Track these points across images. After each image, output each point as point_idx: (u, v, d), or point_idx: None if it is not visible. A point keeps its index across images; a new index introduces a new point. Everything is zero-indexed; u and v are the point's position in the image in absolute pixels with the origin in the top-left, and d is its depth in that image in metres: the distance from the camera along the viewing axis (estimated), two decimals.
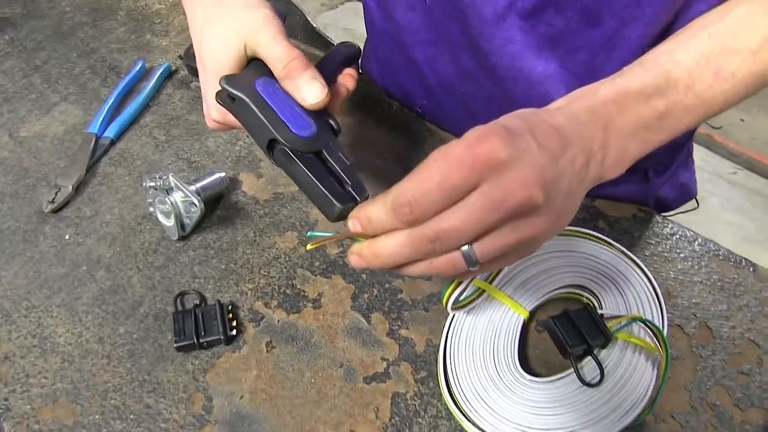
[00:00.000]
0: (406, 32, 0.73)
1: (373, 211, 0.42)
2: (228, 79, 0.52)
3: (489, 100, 0.71)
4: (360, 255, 0.44)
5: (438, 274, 0.44)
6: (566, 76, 0.64)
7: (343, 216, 0.47)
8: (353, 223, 0.43)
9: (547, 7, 0.59)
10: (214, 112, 0.56)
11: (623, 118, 0.46)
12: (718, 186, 2.48)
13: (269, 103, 0.51)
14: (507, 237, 0.41)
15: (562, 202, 0.43)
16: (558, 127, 0.43)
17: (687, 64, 0.49)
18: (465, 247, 0.41)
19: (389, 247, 0.42)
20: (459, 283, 0.59)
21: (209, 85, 0.55)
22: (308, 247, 0.47)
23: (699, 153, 0.78)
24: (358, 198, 0.48)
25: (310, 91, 0.51)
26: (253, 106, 0.50)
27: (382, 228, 0.42)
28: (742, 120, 2.71)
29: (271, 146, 0.51)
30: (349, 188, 0.49)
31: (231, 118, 0.55)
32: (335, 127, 0.53)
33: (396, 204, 0.40)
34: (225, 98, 0.53)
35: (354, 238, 0.45)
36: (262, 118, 0.50)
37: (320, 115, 0.52)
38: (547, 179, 0.40)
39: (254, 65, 0.54)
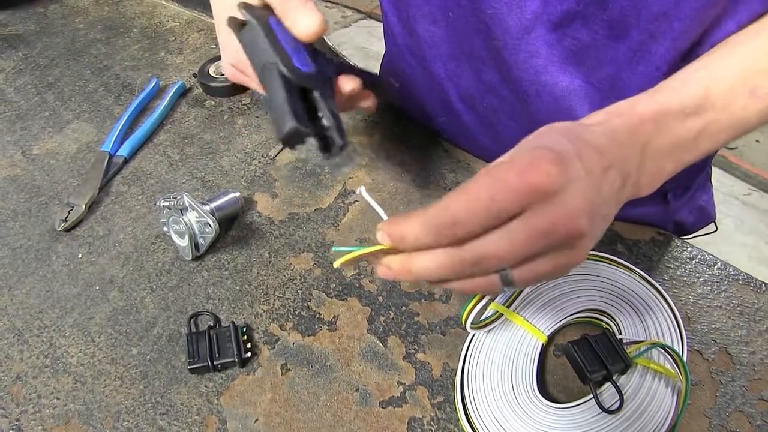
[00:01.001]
0: (427, 46, 0.72)
1: (408, 228, 0.40)
2: (245, 5, 0.54)
3: (510, 115, 0.71)
4: (390, 268, 0.42)
5: (470, 292, 0.43)
6: (590, 90, 0.63)
7: (292, 140, 0.47)
8: (382, 236, 0.42)
9: (574, 19, 0.59)
10: (230, 57, 0.57)
11: (660, 139, 0.46)
12: (733, 207, 2.47)
13: (278, 34, 0.51)
14: (547, 264, 0.41)
15: (600, 225, 0.43)
16: (601, 149, 0.42)
17: (725, 83, 0.49)
18: (504, 271, 0.41)
19: (425, 266, 0.41)
20: (480, 300, 0.56)
21: (225, 30, 0.56)
22: (335, 264, 0.45)
23: (714, 174, 0.79)
24: (337, 140, 0.49)
25: (304, 18, 0.50)
26: (260, 31, 0.51)
27: (417, 247, 0.41)
28: (757, 141, 2.71)
29: (266, 70, 0.51)
30: (333, 132, 0.49)
31: (244, 59, 0.55)
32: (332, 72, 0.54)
33: (438, 224, 0.39)
34: (236, 24, 0.54)
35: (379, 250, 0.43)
36: (267, 42, 0.50)
37: (324, 66, 0.53)
38: (592, 208, 0.40)
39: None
